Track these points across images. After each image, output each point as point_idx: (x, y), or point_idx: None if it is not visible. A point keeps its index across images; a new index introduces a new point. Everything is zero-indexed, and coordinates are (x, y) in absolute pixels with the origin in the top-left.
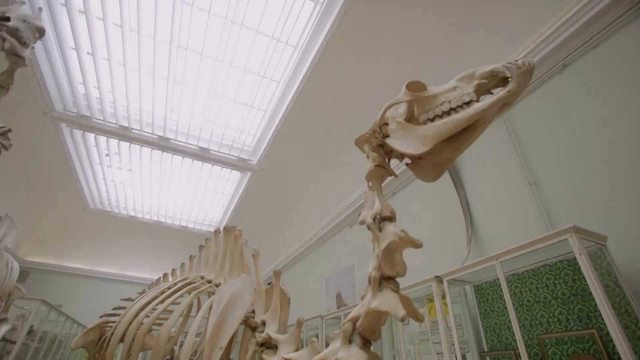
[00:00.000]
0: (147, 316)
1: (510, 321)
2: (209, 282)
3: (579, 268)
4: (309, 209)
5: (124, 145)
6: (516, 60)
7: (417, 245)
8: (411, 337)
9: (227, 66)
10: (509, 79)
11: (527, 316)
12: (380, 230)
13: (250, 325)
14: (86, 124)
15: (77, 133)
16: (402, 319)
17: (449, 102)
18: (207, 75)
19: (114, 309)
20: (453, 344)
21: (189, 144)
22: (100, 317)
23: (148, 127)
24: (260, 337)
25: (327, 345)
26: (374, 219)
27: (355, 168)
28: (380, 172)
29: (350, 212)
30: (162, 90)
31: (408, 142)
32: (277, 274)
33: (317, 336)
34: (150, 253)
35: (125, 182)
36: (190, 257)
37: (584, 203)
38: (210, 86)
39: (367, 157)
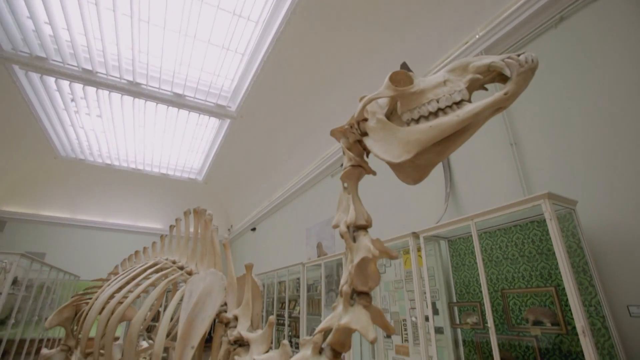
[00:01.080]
0: (120, 302)
1: (478, 275)
2: (181, 268)
3: (547, 229)
4: (291, 158)
5: (91, 90)
6: (518, 55)
7: (392, 257)
8: (387, 285)
9: (198, 1)
10: (508, 77)
11: (494, 271)
12: (354, 239)
13: (222, 320)
14: (43, 67)
15: (34, 77)
16: (372, 342)
17: (437, 101)
18: (176, 12)
19: (86, 289)
20: (425, 293)
21: (163, 89)
22: (72, 297)
23: (115, 71)
24: (232, 335)
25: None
26: (348, 228)
27: (338, 116)
28: (357, 172)
29: (332, 162)
30: (127, 29)
31: (388, 146)
32: (248, 267)
33: (298, 280)
34: (132, 201)
35: (97, 129)
36: (161, 236)
37: (561, 165)
38: (181, 25)
39: (343, 153)
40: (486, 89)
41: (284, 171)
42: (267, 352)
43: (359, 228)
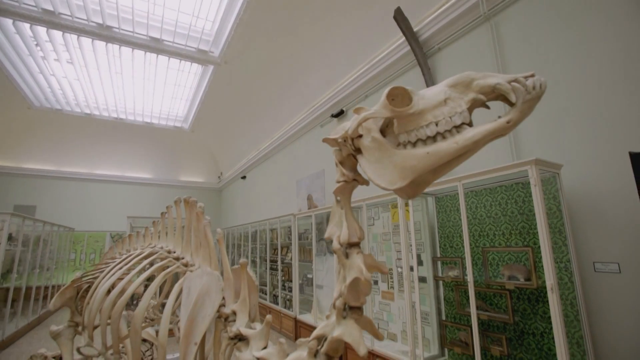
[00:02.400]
0: (120, 292)
1: (462, 231)
2: (177, 259)
3: (531, 192)
4: (279, 106)
5: (56, 34)
6: (526, 78)
7: (383, 272)
8: (375, 236)
9: None
10: (512, 101)
11: (477, 228)
12: (346, 256)
13: (221, 315)
14: None
15: None
16: (363, 356)
17: (436, 124)
18: None
19: (85, 273)
20: (411, 246)
21: (137, 33)
22: (72, 280)
23: (81, 12)
24: (231, 331)
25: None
26: (340, 245)
27: (327, 63)
28: (350, 187)
29: (322, 111)
30: None
31: (383, 170)
32: (243, 265)
33: (289, 228)
34: (118, 151)
35: (70, 76)
36: (154, 222)
37: (549, 127)
38: None
39: (336, 165)
40: (488, 108)
41: (272, 119)
42: (265, 348)
43: (352, 245)
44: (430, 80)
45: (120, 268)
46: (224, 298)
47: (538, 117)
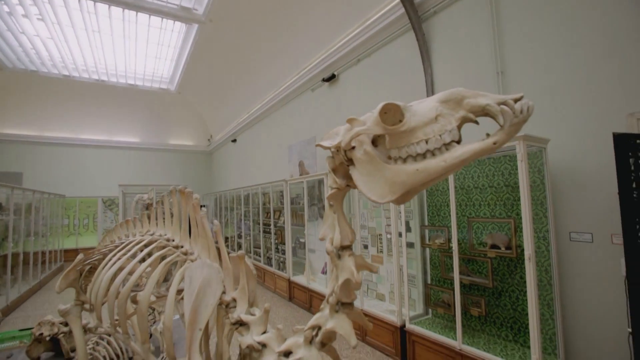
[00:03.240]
0: (124, 280)
1: (450, 200)
2: (176, 247)
3: (517, 165)
4: (269, 68)
5: None
6: (515, 101)
7: (373, 270)
8: (365, 203)
9: None
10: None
11: (464, 198)
12: (339, 257)
13: (222, 302)
14: None
15: None
16: (354, 347)
17: (427, 142)
18: None
19: (86, 257)
20: (400, 213)
21: None
22: (74, 264)
23: None
24: (233, 318)
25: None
26: (334, 247)
27: (319, 24)
28: (342, 193)
29: (313, 75)
30: None
31: (373, 184)
32: (241, 257)
33: (281, 192)
34: (102, 115)
35: (42, 34)
36: (149, 206)
37: (541, 98)
38: None
39: (328, 173)
40: (477, 123)
41: (262, 82)
42: (264, 333)
43: (344, 248)
44: (424, 46)
45: (124, 255)
46: (224, 286)
47: (530, 91)
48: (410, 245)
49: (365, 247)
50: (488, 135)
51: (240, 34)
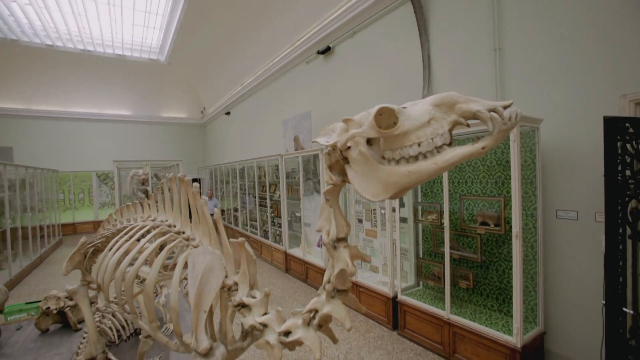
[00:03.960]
0: (130, 264)
1: (442, 177)
2: (178, 233)
3: (510, 145)
4: (263, 39)
5: None
6: (505, 108)
7: (366, 260)
8: None
9: None
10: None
11: (457, 175)
12: (335, 248)
13: (224, 286)
14: None
15: None
16: (349, 330)
17: (419, 145)
18: None
19: (89, 240)
20: None
21: None
22: (78, 247)
23: None
24: (235, 300)
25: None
26: (330, 239)
27: None
28: (338, 189)
29: (307, 47)
30: None
31: (367, 183)
32: (242, 244)
33: (277, 166)
34: (91, 87)
35: (19, 0)
36: (149, 195)
37: (538, 77)
38: None
39: (325, 169)
40: (468, 126)
41: (256, 53)
42: (265, 314)
43: (339, 240)
44: (421, 20)
45: (127, 241)
46: (226, 271)
47: (527, 70)
48: (403, 220)
49: (360, 221)
50: (478, 138)
51: (230, 2)
